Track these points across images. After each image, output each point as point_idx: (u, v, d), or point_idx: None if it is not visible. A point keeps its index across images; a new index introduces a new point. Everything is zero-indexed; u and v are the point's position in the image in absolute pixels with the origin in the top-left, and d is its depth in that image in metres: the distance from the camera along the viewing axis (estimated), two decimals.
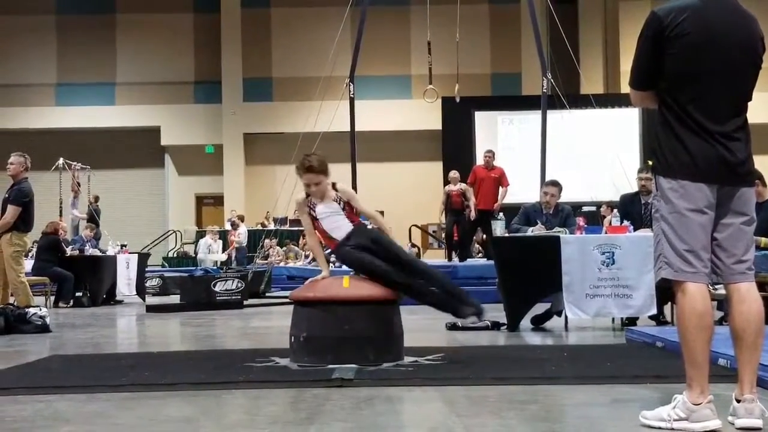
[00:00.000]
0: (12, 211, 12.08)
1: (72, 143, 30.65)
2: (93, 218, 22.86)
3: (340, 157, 20.86)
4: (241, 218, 28.73)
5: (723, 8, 4.35)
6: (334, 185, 7.30)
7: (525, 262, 10.08)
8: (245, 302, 15.92)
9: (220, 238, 27.67)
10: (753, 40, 4.38)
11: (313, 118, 18.63)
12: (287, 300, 8.62)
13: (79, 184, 25.26)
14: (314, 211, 7.25)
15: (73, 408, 5.36)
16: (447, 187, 18.67)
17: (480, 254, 23.53)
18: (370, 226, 7.68)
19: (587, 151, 25.93)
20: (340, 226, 7.22)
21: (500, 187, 18.22)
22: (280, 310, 14.45)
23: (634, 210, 10.67)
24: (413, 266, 7.23)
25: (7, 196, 12.32)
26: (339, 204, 7.26)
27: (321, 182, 7.17)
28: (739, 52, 4.33)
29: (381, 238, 7.28)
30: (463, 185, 18.31)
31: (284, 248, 26.23)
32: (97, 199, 24.43)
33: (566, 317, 10.22)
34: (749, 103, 4.45)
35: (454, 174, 18.74)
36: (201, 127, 33.59)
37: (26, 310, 10.98)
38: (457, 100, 22.40)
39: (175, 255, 31.06)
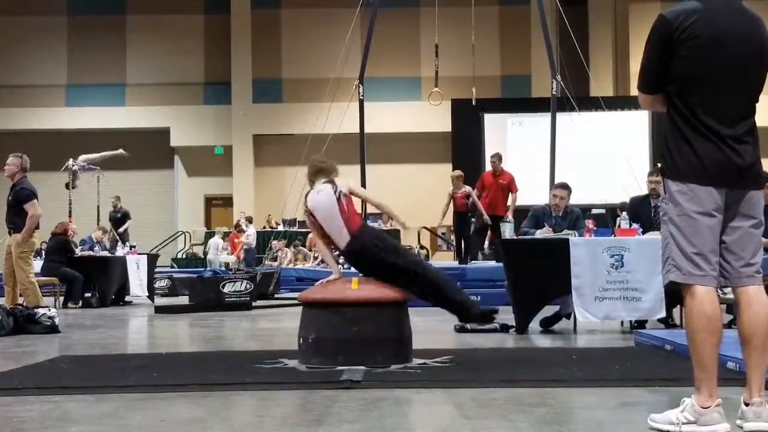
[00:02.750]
0: (32, 207, 12.11)
1: (81, 144, 30.65)
2: (116, 221, 22.91)
3: (350, 159, 20.83)
4: (250, 219, 28.75)
5: (731, 10, 4.35)
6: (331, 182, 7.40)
7: (534, 265, 10.07)
8: (254, 304, 15.92)
9: (225, 239, 27.76)
10: (761, 41, 4.38)
11: (322, 120, 18.63)
12: (296, 301, 8.64)
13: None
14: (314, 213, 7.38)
15: (82, 408, 5.38)
16: (451, 189, 18.53)
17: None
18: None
19: (597, 153, 25.89)
20: (338, 229, 7.31)
21: (510, 194, 18.16)
22: (288, 311, 14.46)
23: (643, 213, 10.65)
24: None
25: (10, 198, 12.33)
26: (335, 194, 7.35)
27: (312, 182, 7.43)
28: (748, 54, 4.33)
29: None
30: (467, 188, 18.23)
31: (294, 249, 26.24)
32: (118, 200, 24.26)
33: (575, 320, 10.21)
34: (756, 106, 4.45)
35: (456, 174, 18.66)
36: (210, 129, 33.63)
37: (35, 310, 11.00)
38: (474, 102, 22.36)
39: (184, 256, 31.10)
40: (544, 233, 10.52)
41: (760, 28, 4.39)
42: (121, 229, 23.44)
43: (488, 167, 20.22)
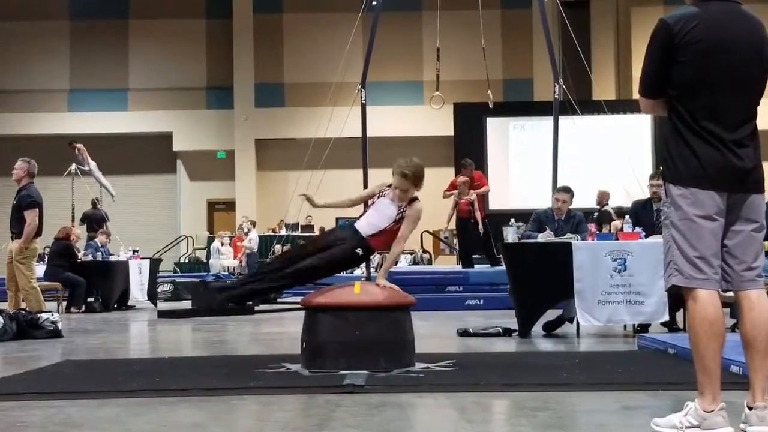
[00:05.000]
0: (31, 215, 12.12)
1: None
2: (96, 222, 22.61)
3: (352, 163, 20.86)
4: (253, 224, 28.75)
5: (731, 15, 4.36)
6: (413, 199, 7.32)
7: (537, 269, 10.06)
8: (256, 308, 15.91)
9: (229, 244, 27.76)
10: (762, 45, 4.38)
11: (324, 124, 18.60)
12: (299, 306, 8.64)
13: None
14: (378, 197, 7.42)
15: (85, 413, 5.38)
16: (455, 195, 18.55)
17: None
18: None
19: (599, 157, 25.88)
20: (372, 222, 7.28)
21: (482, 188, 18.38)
22: (291, 315, 14.46)
23: (646, 216, 10.65)
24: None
25: (15, 202, 12.36)
26: (397, 213, 7.29)
27: (408, 189, 7.27)
28: (748, 58, 4.33)
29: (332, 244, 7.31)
30: (472, 195, 18.29)
31: None
32: (94, 203, 23.89)
33: (578, 324, 10.20)
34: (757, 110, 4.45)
35: (462, 180, 18.75)
36: (213, 133, 33.61)
37: (38, 315, 11.01)
38: (491, 105, 22.28)
39: (186, 260, 31.09)
40: (544, 237, 10.52)
41: (760, 33, 4.39)
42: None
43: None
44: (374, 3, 18.57)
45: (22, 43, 33.13)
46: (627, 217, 10.99)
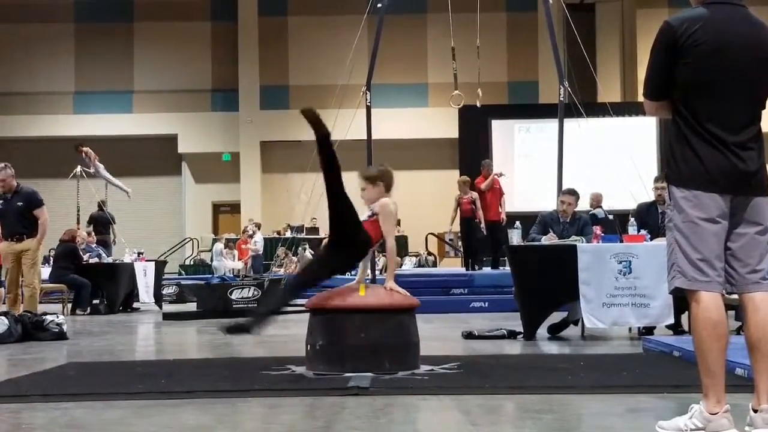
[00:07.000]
0: (45, 212, 12.37)
1: None
2: (102, 224, 22.56)
3: (357, 165, 20.74)
4: (258, 226, 28.76)
5: (735, 17, 4.35)
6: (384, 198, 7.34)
7: (542, 271, 10.05)
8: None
9: (233, 246, 27.78)
10: (765, 47, 4.37)
11: (329, 126, 18.60)
12: (303, 308, 8.64)
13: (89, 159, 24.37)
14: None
15: (90, 415, 5.38)
16: (458, 195, 18.74)
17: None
18: None
19: (604, 159, 25.84)
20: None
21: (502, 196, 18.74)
22: (296, 318, 14.44)
23: (650, 219, 10.64)
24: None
25: (20, 203, 12.42)
26: (370, 212, 7.28)
27: (366, 189, 7.45)
28: (752, 60, 4.33)
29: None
30: (473, 194, 18.42)
31: (299, 253, 26.22)
32: (100, 205, 23.76)
33: (583, 326, 10.20)
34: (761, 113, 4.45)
35: (462, 179, 18.92)
36: (218, 135, 33.63)
37: (43, 317, 11.03)
38: (478, 105, 22.35)
39: (191, 263, 31.12)
40: (548, 240, 10.51)
41: (764, 34, 4.39)
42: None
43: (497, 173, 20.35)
44: (379, 5, 18.57)
45: (28, 46, 33.17)
46: (632, 219, 10.99)
